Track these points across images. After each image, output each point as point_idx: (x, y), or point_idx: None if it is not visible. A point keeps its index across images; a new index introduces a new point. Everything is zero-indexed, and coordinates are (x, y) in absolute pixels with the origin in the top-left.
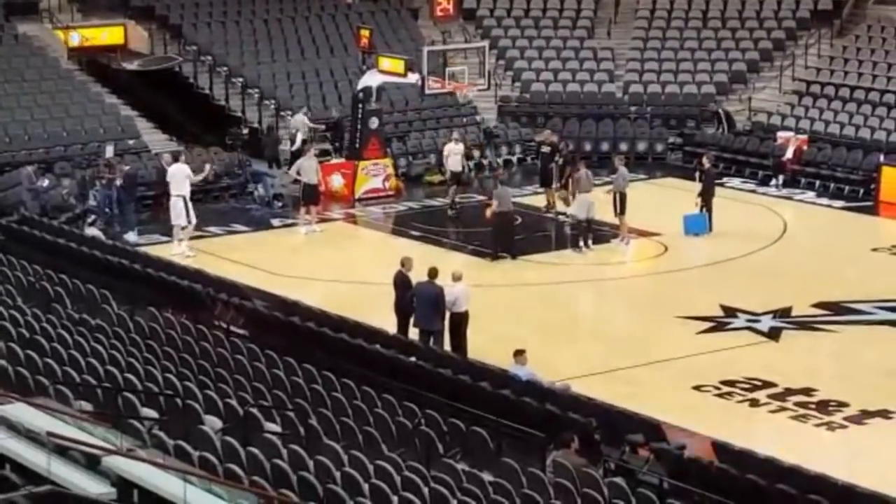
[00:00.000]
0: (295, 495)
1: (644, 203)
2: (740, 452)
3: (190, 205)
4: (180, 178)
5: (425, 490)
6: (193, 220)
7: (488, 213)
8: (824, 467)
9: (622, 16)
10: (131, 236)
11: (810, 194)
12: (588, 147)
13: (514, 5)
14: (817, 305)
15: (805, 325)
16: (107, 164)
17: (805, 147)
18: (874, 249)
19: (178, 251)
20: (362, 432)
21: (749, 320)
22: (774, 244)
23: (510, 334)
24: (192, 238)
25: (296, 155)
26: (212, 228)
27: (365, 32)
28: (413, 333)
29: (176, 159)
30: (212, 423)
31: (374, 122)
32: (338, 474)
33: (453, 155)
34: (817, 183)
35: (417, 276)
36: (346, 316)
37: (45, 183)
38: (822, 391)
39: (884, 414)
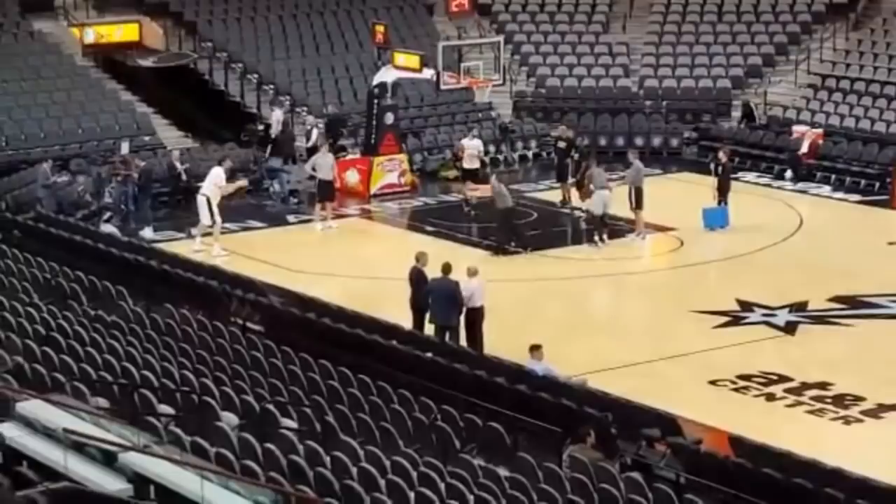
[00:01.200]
0: (312, 491)
1: (660, 198)
2: (757, 447)
3: (215, 206)
4: (211, 179)
5: (442, 485)
6: (218, 221)
7: (498, 204)
8: (841, 461)
9: (637, 10)
10: (147, 233)
11: (826, 188)
12: (603, 142)
13: (530, 0)
14: (833, 299)
15: (821, 319)
16: (122, 161)
17: (821, 141)
18: (890, 243)
19: (197, 248)
20: (379, 428)
21: (765, 314)
22: (790, 238)
23: (526, 329)
24: (207, 234)
25: (311, 151)
26: (228, 225)
27: (380, 28)
28: (429, 329)
29: (220, 163)
30: (228, 420)
31: (389, 118)
32: (354, 470)
33: (469, 151)
34: (833, 177)
35: (432, 271)
36: (362, 312)
37: (62, 180)
38: (839, 385)
39: None
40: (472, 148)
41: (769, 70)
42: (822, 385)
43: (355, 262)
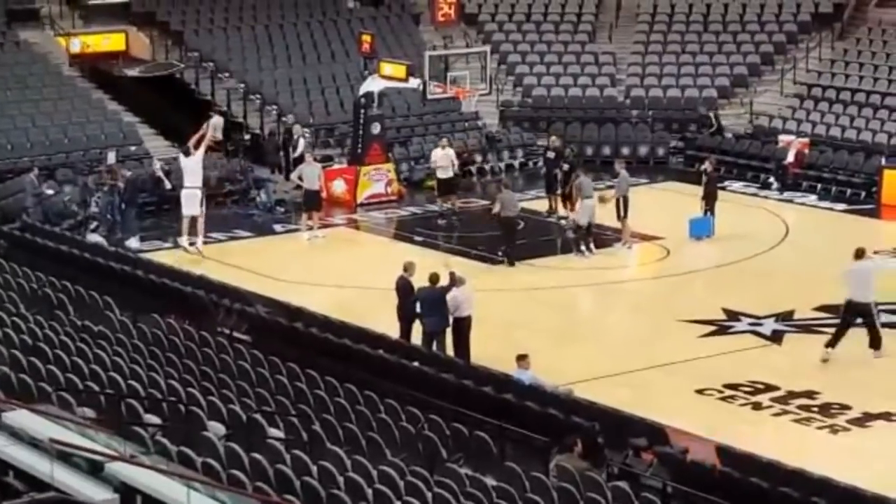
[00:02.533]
0: (299, 501)
1: (646, 207)
2: (743, 456)
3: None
4: (194, 168)
5: (429, 495)
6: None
7: (495, 210)
8: (827, 470)
9: (623, 20)
10: (133, 242)
11: (812, 198)
12: (590, 151)
13: (516, 10)
14: (820, 308)
15: (807, 328)
16: (109, 171)
17: (807, 150)
18: (876, 252)
19: (185, 243)
20: (365, 437)
21: (751, 324)
22: (776, 247)
23: (513, 339)
24: (191, 240)
25: (297, 161)
26: (214, 234)
27: (366, 37)
28: (416, 339)
29: (187, 154)
30: (215, 429)
31: (375, 128)
32: (341, 479)
33: (443, 160)
34: (819, 186)
35: (419, 282)
36: (349, 321)
37: (48, 190)
38: (825, 394)
39: (886, 416)
40: (443, 158)
41: (755, 80)
42: (809, 394)
43: (342, 272)
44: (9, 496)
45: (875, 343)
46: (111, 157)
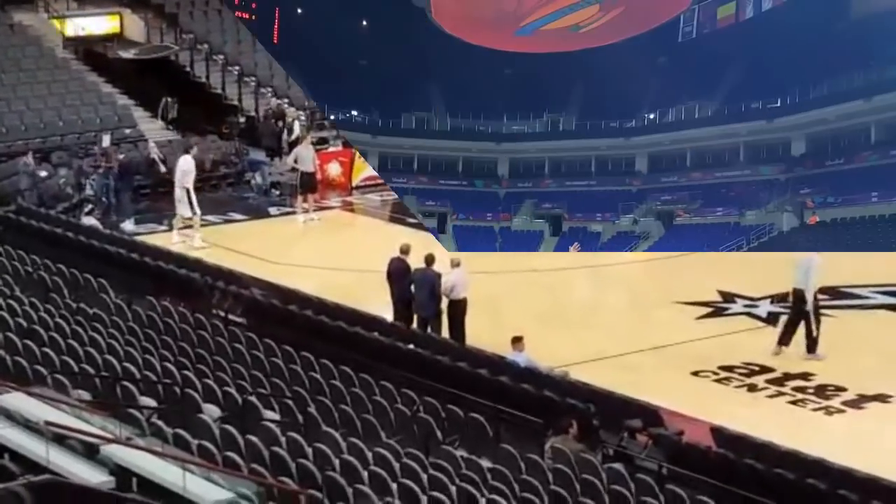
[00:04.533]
0: (294, 483)
1: None
2: (738, 437)
3: (194, 196)
4: (182, 170)
5: (424, 476)
6: (198, 212)
7: None
8: (822, 451)
9: None
10: (128, 225)
11: None
12: None
13: None
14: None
15: None
16: (103, 153)
17: None
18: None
19: (175, 240)
20: (361, 420)
21: (747, 305)
22: None
23: (508, 321)
24: (187, 227)
25: (292, 145)
26: (209, 217)
27: None
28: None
29: (186, 151)
30: (210, 412)
31: None
32: (337, 462)
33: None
34: None
35: (416, 262)
36: (345, 304)
37: (43, 172)
38: (820, 376)
39: (881, 398)
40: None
41: None
42: (804, 376)
43: (337, 254)
44: (4, 478)
45: (784, 339)
46: (106, 140)
